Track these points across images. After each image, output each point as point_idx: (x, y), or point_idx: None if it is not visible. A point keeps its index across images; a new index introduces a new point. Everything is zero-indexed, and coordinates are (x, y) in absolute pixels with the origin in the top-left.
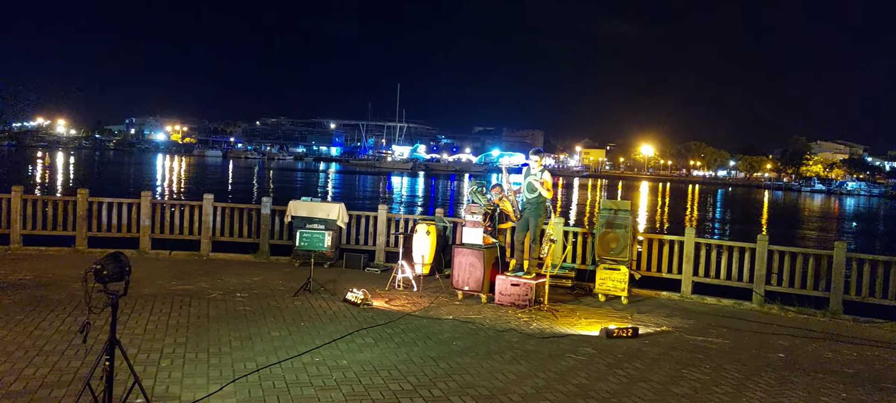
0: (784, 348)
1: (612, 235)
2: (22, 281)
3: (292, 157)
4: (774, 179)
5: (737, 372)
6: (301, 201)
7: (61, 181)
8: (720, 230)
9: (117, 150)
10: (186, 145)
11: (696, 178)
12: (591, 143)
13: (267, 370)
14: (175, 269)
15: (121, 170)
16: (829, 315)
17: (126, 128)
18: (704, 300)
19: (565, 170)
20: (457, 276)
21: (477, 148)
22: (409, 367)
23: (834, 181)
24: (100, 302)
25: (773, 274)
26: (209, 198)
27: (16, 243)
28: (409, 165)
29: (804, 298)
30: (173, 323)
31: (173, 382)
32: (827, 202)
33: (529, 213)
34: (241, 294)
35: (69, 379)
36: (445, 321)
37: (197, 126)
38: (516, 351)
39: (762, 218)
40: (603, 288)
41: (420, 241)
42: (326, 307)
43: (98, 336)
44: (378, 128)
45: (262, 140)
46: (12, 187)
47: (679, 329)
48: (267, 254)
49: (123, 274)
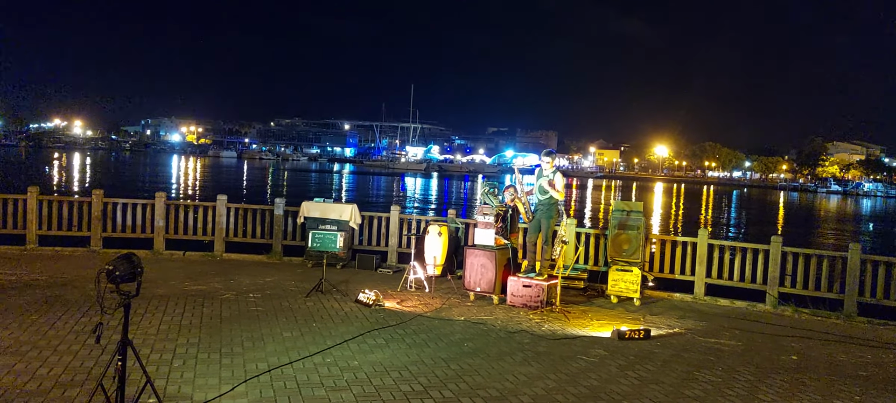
0: (798, 350)
1: (625, 236)
2: (37, 281)
3: (306, 158)
4: (790, 180)
5: (749, 375)
6: (314, 202)
7: (77, 180)
8: (735, 232)
9: (133, 151)
10: (201, 146)
11: (710, 179)
12: (606, 144)
13: (279, 370)
14: (188, 270)
15: (136, 171)
16: (843, 317)
17: (142, 130)
18: (717, 302)
19: (579, 171)
20: (469, 277)
21: (491, 149)
22: (420, 368)
23: (850, 182)
24: (112, 302)
25: (787, 275)
26: (223, 198)
27: (32, 243)
28: (423, 166)
29: (818, 300)
30: (186, 323)
31: (185, 382)
32: (843, 203)
33: (541, 214)
34: (253, 294)
35: (82, 379)
36: (457, 322)
37: (212, 127)
38: (528, 353)
39: (777, 220)
40: (615, 289)
41: (432, 242)
42: (338, 307)
43: (111, 336)
44: (392, 129)
45: (277, 141)
46: (28, 188)
47: (692, 331)
48: (280, 255)
49: (135, 274)
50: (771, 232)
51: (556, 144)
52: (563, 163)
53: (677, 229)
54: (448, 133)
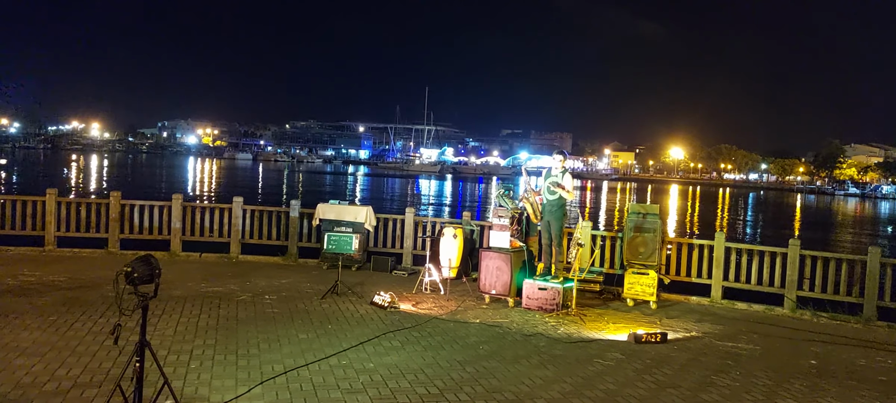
0: (816, 354)
1: (641, 239)
2: (56, 282)
3: (321, 160)
4: (807, 183)
5: (767, 379)
6: (329, 204)
7: (94, 182)
8: (751, 234)
9: (149, 153)
10: (217, 148)
11: (726, 182)
12: (620, 147)
13: (294, 372)
14: (205, 271)
15: (153, 173)
16: (862, 321)
17: (158, 132)
18: (735, 305)
19: (594, 174)
20: (484, 280)
21: (505, 151)
22: (435, 371)
23: (868, 184)
24: (130, 303)
25: (806, 279)
26: (239, 201)
27: (50, 245)
28: (437, 168)
29: (837, 304)
30: (203, 324)
31: (202, 383)
32: (861, 206)
33: (549, 215)
34: (269, 296)
35: (100, 380)
36: (472, 324)
37: (227, 129)
38: (543, 356)
39: (794, 223)
40: (631, 292)
41: (447, 245)
42: (354, 310)
43: (129, 337)
44: (406, 131)
45: (292, 143)
46: (47, 190)
47: (709, 334)
48: (295, 257)
49: (153, 276)
50: (788, 234)
51: (571, 146)
52: (578, 165)
53: (693, 232)
54: (462, 135)
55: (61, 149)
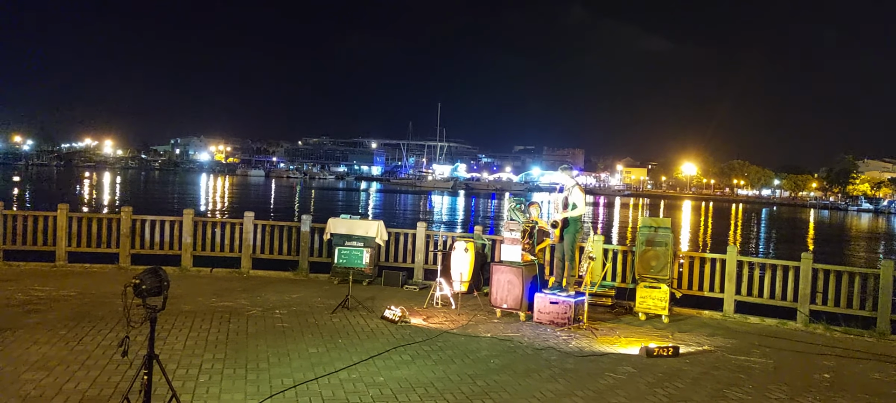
0: (829, 368)
1: (653, 253)
2: (66, 297)
3: (334, 177)
4: (820, 198)
5: (780, 393)
6: (340, 218)
7: (107, 198)
8: (764, 249)
9: (162, 170)
10: (230, 165)
11: (739, 197)
12: (633, 162)
13: (304, 386)
14: (215, 286)
15: (165, 190)
16: (876, 335)
17: (171, 149)
18: (747, 319)
19: (606, 189)
20: (495, 294)
21: (517, 167)
22: (446, 384)
23: (881, 200)
24: (139, 316)
25: (819, 293)
26: (250, 215)
27: (61, 260)
28: (450, 184)
29: (850, 318)
30: (212, 339)
31: (211, 397)
32: (874, 222)
33: (563, 229)
34: (279, 310)
35: (109, 394)
36: (483, 338)
37: (240, 146)
38: (555, 370)
39: (807, 238)
40: (643, 306)
41: (458, 259)
42: (364, 324)
43: (138, 351)
44: (419, 148)
45: (304, 159)
46: (58, 205)
47: (721, 348)
48: (306, 272)
49: (162, 288)
50: (801, 249)
51: (583, 162)
52: (590, 181)
53: (706, 246)
54: (475, 151)
55: (74, 166)
